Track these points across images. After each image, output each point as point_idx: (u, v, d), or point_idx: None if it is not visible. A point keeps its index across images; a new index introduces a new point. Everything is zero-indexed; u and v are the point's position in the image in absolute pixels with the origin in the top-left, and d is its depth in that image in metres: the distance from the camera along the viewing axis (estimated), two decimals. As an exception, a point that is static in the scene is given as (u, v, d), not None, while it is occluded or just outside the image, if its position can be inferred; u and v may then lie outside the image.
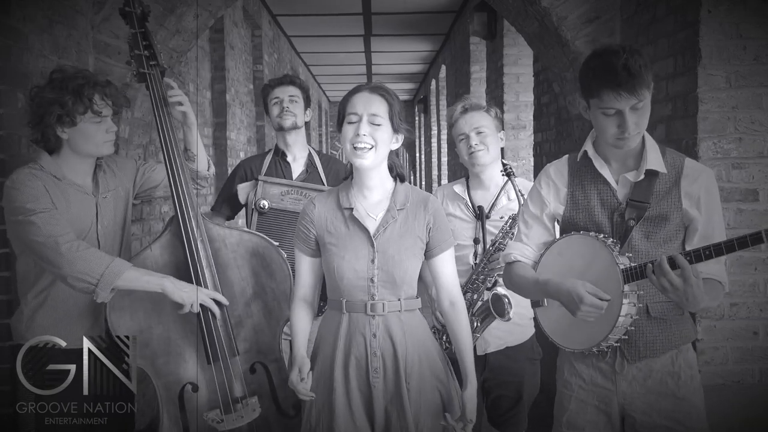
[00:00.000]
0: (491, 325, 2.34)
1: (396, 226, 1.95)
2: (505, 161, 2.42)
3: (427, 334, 2.02)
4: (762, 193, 2.45)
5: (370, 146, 1.89)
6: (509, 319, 2.25)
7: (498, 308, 2.26)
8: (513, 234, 2.30)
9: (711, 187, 1.82)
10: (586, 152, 1.91)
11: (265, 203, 2.81)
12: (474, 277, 2.36)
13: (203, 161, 2.48)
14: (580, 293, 1.71)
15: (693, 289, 1.60)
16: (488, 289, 2.35)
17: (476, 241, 2.40)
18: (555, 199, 1.95)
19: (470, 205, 2.45)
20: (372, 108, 1.90)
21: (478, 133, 2.42)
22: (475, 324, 2.32)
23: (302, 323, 2.02)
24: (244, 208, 2.98)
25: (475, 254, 2.41)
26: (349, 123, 1.91)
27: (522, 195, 2.30)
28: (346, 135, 1.91)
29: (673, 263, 1.61)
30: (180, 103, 2.31)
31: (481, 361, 2.42)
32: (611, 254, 1.76)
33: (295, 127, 2.90)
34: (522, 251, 1.98)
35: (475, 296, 2.36)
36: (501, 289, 2.26)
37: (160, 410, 2.19)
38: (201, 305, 2.14)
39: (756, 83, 2.43)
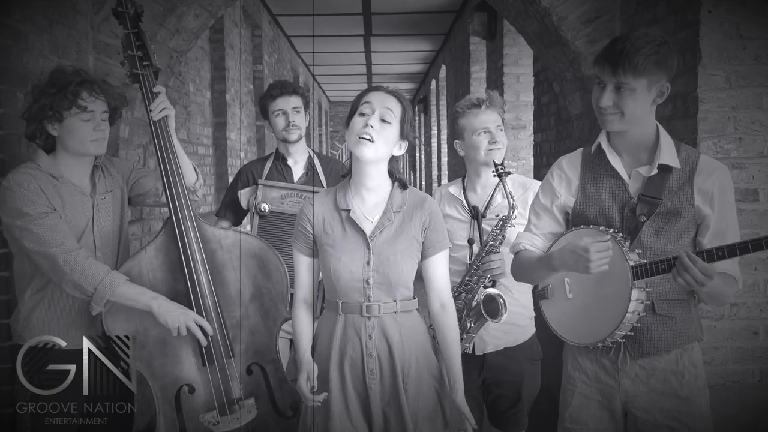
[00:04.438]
0: (489, 325, 2.34)
1: (392, 228, 1.95)
2: (496, 162, 2.40)
3: (424, 335, 2.01)
4: (762, 193, 2.45)
5: (373, 140, 1.88)
6: (500, 321, 2.23)
7: (491, 309, 2.25)
8: (504, 236, 2.30)
9: (725, 184, 1.81)
10: (600, 144, 1.90)
11: (265, 207, 2.81)
12: (467, 278, 2.36)
13: (189, 174, 2.38)
14: (584, 245, 1.71)
15: (714, 284, 1.63)
16: (485, 287, 2.34)
17: (470, 241, 2.39)
18: (566, 191, 1.95)
19: (466, 205, 2.45)
20: (386, 103, 1.91)
21: (500, 130, 2.40)
22: (469, 325, 2.32)
23: (304, 325, 2.01)
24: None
25: (471, 254, 2.40)
26: (361, 115, 1.91)
27: (512, 197, 2.29)
28: (355, 126, 1.90)
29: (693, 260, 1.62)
30: (164, 109, 2.24)
31: (480, 360, 2.42)
32: (621, 250, 1.75)
33: (299, 139, 2.91)
34: (531, 241, 1.97)
35: (470, 296, 2.35)
36: (494, 290, 2.25)
37: (156, 412, 2.18)
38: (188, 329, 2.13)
39: (756, 83, 2.43)
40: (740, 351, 2.50)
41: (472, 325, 2.31)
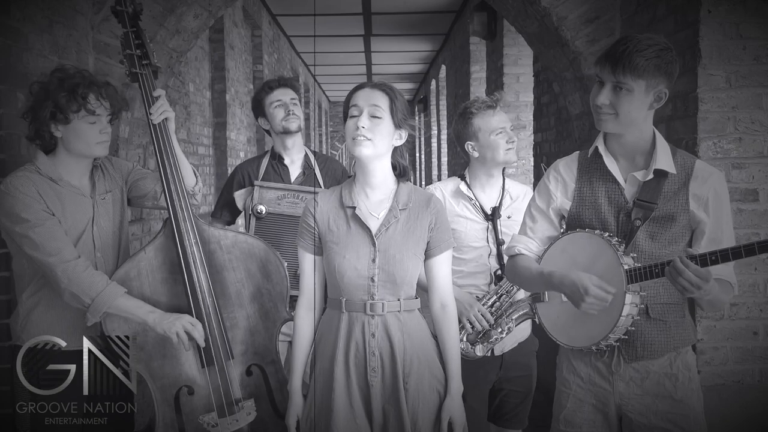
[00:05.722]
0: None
1: (398, 225, 1.95)
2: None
3: (427, 335, 2.01)
4: (762, 193, 2.45)
5: (368, 138, 1.89)
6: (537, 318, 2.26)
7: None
8: None
9: (720, 190, 1.81)
10: (597, 148, 1.90)
11: (262, 208, 2.79)
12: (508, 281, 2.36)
13: (189, 177, 2.35)
14: (585, 284, 1.71)
15: (711, 287, 1.62)
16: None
17: (500, 242, 2.38)
18: (562, 194, 1.95)
19: (478, 205, 2.44)
20: (372, 100, 1.92)
21: (512, 130, 2.42)
22: (511, 326, 2.33)
23: (304, 341, 2.01)
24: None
25: (494, 255, 2.39)
26: (351, 117, 1.93)
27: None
28: (348, 129, 1.93)
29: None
30: (166, 119, 2.23)
31: (498, 361, 2.42)
32: (616, 254, 1.76)
33: (299, 130, 2.90)
34: (526, 244, 1.97)
35: (508, 298, 2.35)
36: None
37: (156, 413, 2.18)
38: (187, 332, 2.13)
39: (756, 83, 2.43)
40: (740, 351, 2.49)
41: (513, 326, 2.33)
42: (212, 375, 2.18)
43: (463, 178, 2.49)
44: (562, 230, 1.99)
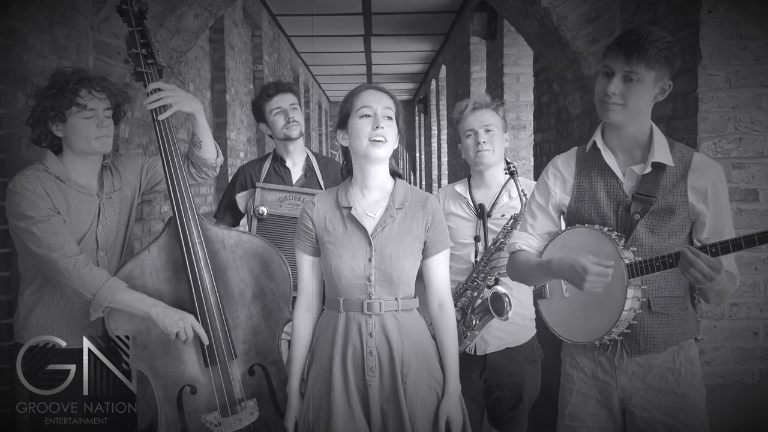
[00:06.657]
0: (491, 324, 2.34)
1: (394, 225, 1.96)
2: (508, 160, 2.42)
3: (425, 334, 2.02)
4: (762, 193, 2.45)
5: (387, 140, 1.91)
6: (507, 319, 2.25)
7: (497, 307, 2.26)
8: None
9: (718, 182, 1.82)
10: (594, 143, 1.91)
11: (263, 210, 2.80)
12: (474, 275, 2.37)
13: (210, 149, 2.40)
14: (583, 264, 1.70)
15: (722, 278, 1.63)
16: (488, 287, 2.34)
17: (477, 238, 2.40)
18: (561, 189, 1.96)
19: (471, 203, 2.45)
20: (383, 102, 1.94)
21: (487, 131, 2.41)
22: (474, 322, 2.32)
23: (303, 342, 2.03)
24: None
25: (476, 252, 2.41)
26: (364, 117, 1.93)
27: (525, 195, 2.32)
28: (362, 129, 1.92)
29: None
30: (163, 108, 2.19)
31: (481, 361, 2.42)
32: (616, 248, 1.76)
33: (301, 136, 2.90)
34: (527, 241, 1.98)
35: (476, 294, 2.36)
36: (501, 288, 2.26)
37: (158, 412, 2.18)
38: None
39: (756, 83, 2.43)
40: (740, 351, 2.50)
41: (477, 322, 2.32)
42: (215, 374, 2.18)
43: (469, 178, 2.55)
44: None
